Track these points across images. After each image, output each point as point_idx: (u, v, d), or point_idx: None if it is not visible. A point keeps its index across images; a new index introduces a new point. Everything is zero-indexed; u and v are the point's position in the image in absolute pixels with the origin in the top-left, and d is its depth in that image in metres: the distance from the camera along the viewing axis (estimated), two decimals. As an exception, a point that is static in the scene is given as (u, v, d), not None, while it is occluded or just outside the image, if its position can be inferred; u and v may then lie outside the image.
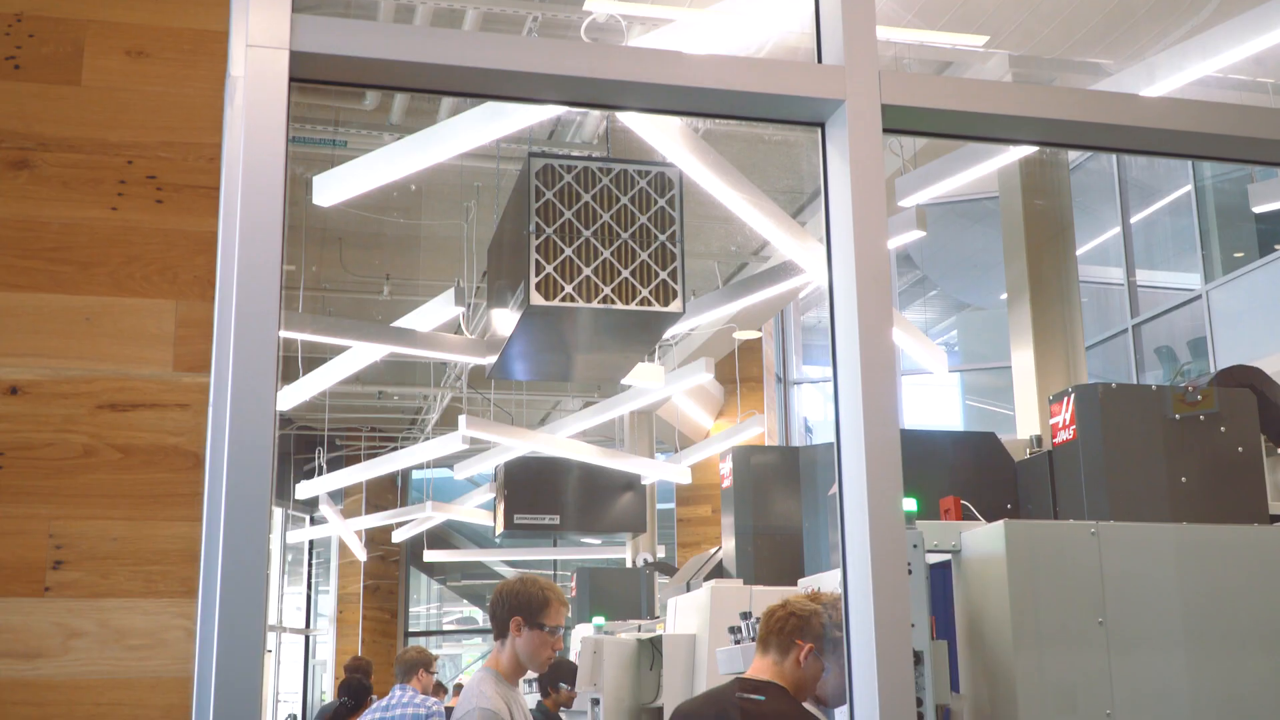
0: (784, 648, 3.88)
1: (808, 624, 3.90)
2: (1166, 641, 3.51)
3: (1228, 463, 4.08)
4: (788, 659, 3.88)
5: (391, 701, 7.38)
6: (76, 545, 2.07)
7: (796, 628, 3.88)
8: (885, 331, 2.51)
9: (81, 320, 2.13)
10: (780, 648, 3.88)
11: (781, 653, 3.88)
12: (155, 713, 2.04)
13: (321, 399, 12.53)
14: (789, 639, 3.88)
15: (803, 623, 3.89)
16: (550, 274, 5.21)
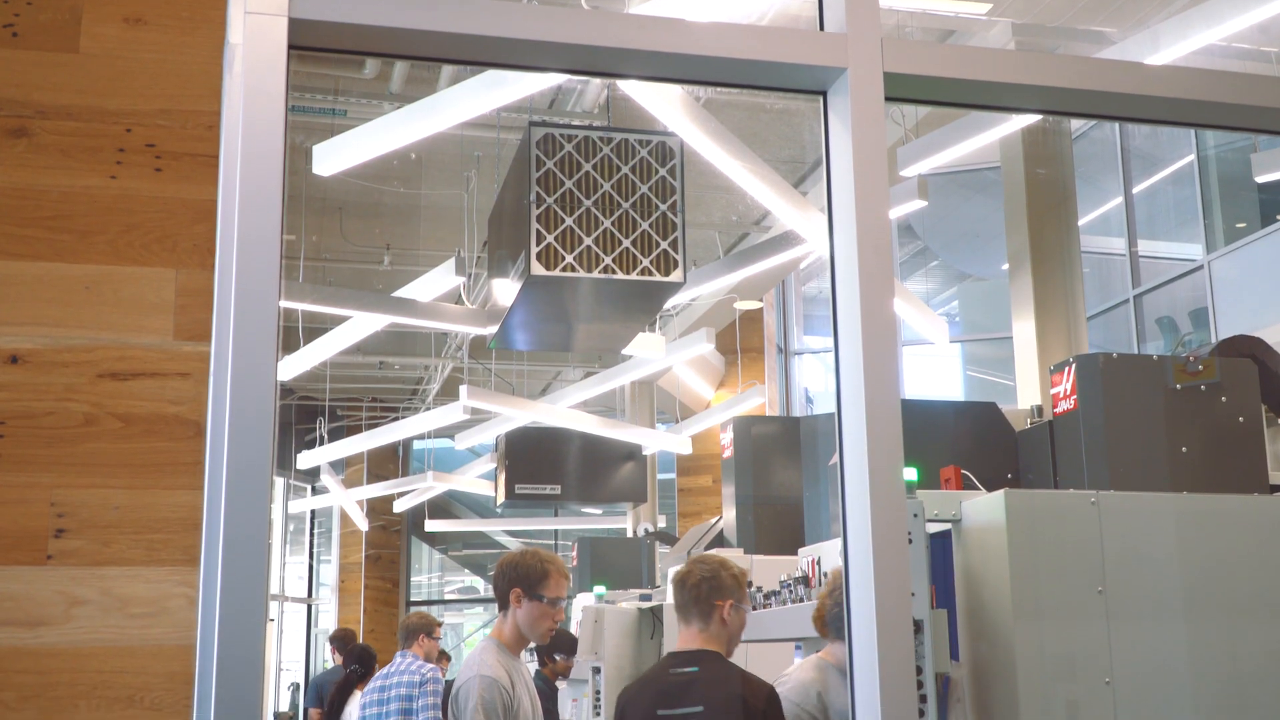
0: (705, 613, 3.94)
1: (718, 582, 3.95)
2: (1166, 611, 3.52)
3: (1228, 432, 4.09)
4: (711, 622, 3.95)
5: (392, 670, 7.40)
6: (78, 514, 2.07)
7: (711, 589, 3.94)
8: (887, 301, 2.50)
9: (81, 289, 2.13)
10: (701, 614, 3.94)
11: (704, 618, 3.95)
12: (158, 680, 2.05)
13: (322, 369, 12.54)
14: (707, 602, 3.94)
15: (714, 582, 3.95)
16: (551, 244, 5.20)
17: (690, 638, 3.96)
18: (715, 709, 3.76)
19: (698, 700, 3.80)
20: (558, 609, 4.42)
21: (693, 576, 3.97)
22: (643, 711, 3.89)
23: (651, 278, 5.30)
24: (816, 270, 15.53)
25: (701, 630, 3.94)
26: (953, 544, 3.63)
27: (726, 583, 3.98)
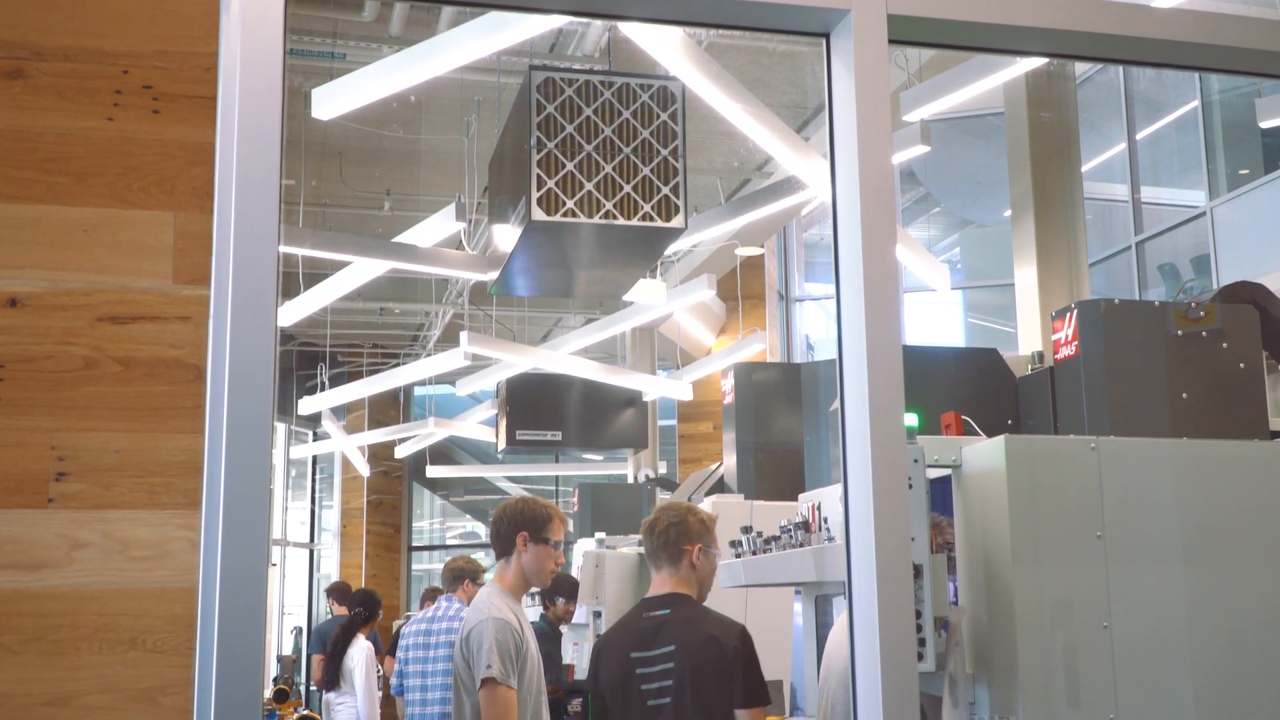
0: (674, 558, 4.00)
1: (685, 527, 4.01)
2: (1164, 555, 3.53)
3: (1229, 378, 4.09)
4: (681, 566, 4.00)
5: (437, 613, 7.38)
6: (79, 457, 2.07)
7: (679, 535, 4.00)
8: (889, 246, 2.49)
9: (79, 232, 2.12)
10: (671, 560, 4.01)
11: (674, 563, 4.01)
12: (160, 623, 2.06)
13: (323, 315, 12.52)
14: (675, 548, 3.99)
15: (681, 528, 4.00)
16: (552, 189, 5.18)
17: (662, 583, 4.03)
18: (687, 648, 3.83)
19: (669, 641, 3.87)
20: (559, 552, 4.54)
21: (660, 523, 4.03)
22: (617, 656, 3.97)
23: (652, 223, 5.28)
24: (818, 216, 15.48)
25: (672, 575, 4.02)
26: (953, 489, 3.64)
27: (694, 528, 4.04)
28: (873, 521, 2.36)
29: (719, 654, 3.80)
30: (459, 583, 7.49)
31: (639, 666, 3.91)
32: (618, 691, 3.93)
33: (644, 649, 3.92)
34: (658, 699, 3.85)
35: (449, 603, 7.40)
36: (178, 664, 2.05)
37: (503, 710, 4.23)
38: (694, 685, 3.78)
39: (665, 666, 3.86)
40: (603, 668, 4.03)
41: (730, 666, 3.79)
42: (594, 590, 6.77)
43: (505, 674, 4.25)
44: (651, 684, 3.87)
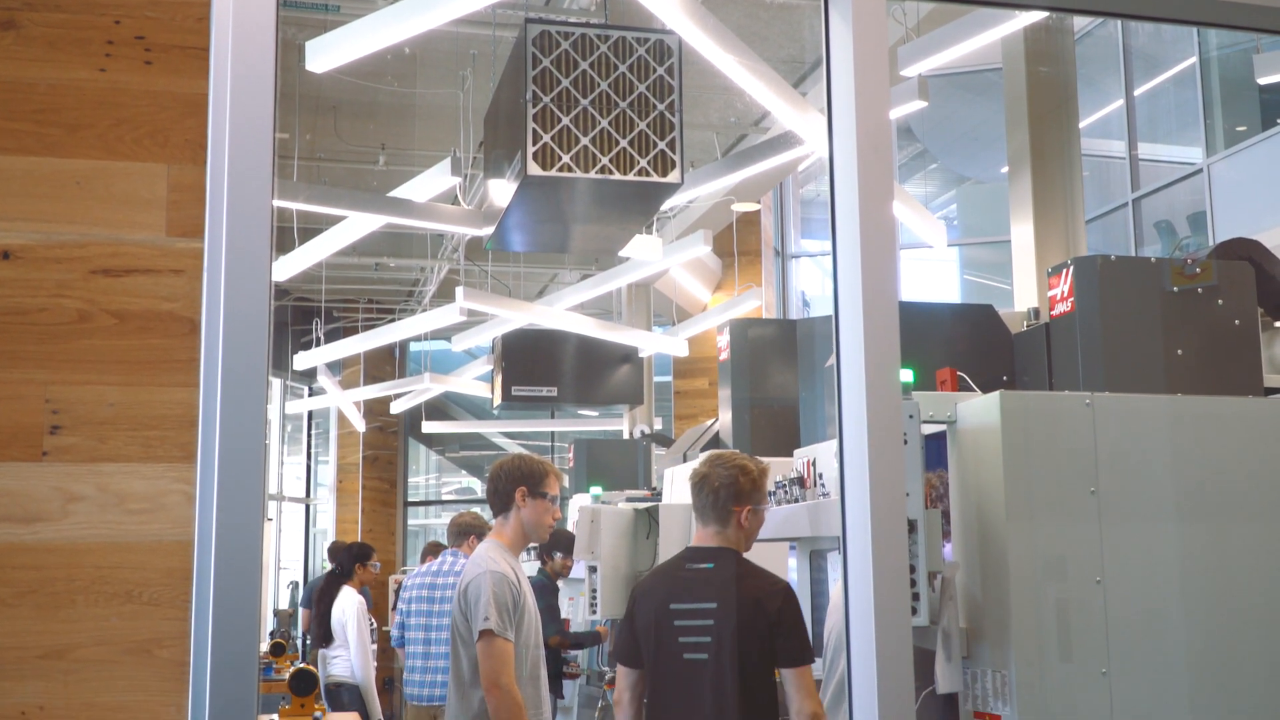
0: (723, 518, 3.98)
1: (737, 489, 3.99)
2: (1158, 511, 3.55)
3: (1224, 335, 4.09)
4: (729, 525, 3.98)
5: (442, 567, 7.41)
6: (73, 410, 2.07)
7: (728, 496, 3.97)
8: (885, 201, 2.48)
9: (72, 184, 2.11)
10: (719, 519, 3.98)
11: (722, 522, 3.98)
12: (156, 575, 2.06)
13: (318, 270, 12.49)
14: (725, 509, 3.97)
15: (732, 489, 3.98)
16: (547, 143, 5.15)
17: (708, 536, 3.99)
18: (729, 607, 3.80)
19: (712, 597, 3.84)
20: (556, 507, 4.58)
21: (711, 482, 3.98)
22: (655, 603, 3.93)
23: (649, 178, 5.25)
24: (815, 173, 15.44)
25: (719, 532, 3.98)
26: (947, 445, 3.65)
27: (744, 489, 4.00)
28: (868, 477, 2.37)
29: (761, 615, 3.78)
30: (464, 538, 7.51)
31: (678, 618, 3.88)
32: (652, 639, 3.89)
33: (684, 601, 3.89)
34: (695, 653, 3.83)
35: (454, 558, 7.42)
36: (174, 617, 2.06)
37: (500, 662, 4.26)
38: (734, 644, 3.76)
39: (705, 623, 3.83)
40: (639, 613, 3.99)
41: (773, 627, 3.77)
42: (589, 545, 6.79)
43: (503, 626, 4.28)
44: (690, 637, 3.84)
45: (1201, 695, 3.50)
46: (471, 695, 4.36)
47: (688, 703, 3.78)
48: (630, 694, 3.93)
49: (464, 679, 4.40)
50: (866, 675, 2.33)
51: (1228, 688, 3.53)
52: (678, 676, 3.81)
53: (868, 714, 2.30)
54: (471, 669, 4.36)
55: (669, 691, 3.83)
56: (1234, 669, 3.54)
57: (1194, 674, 3.50)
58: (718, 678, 3.75)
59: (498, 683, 4.23)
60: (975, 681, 3.53)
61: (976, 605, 3.51)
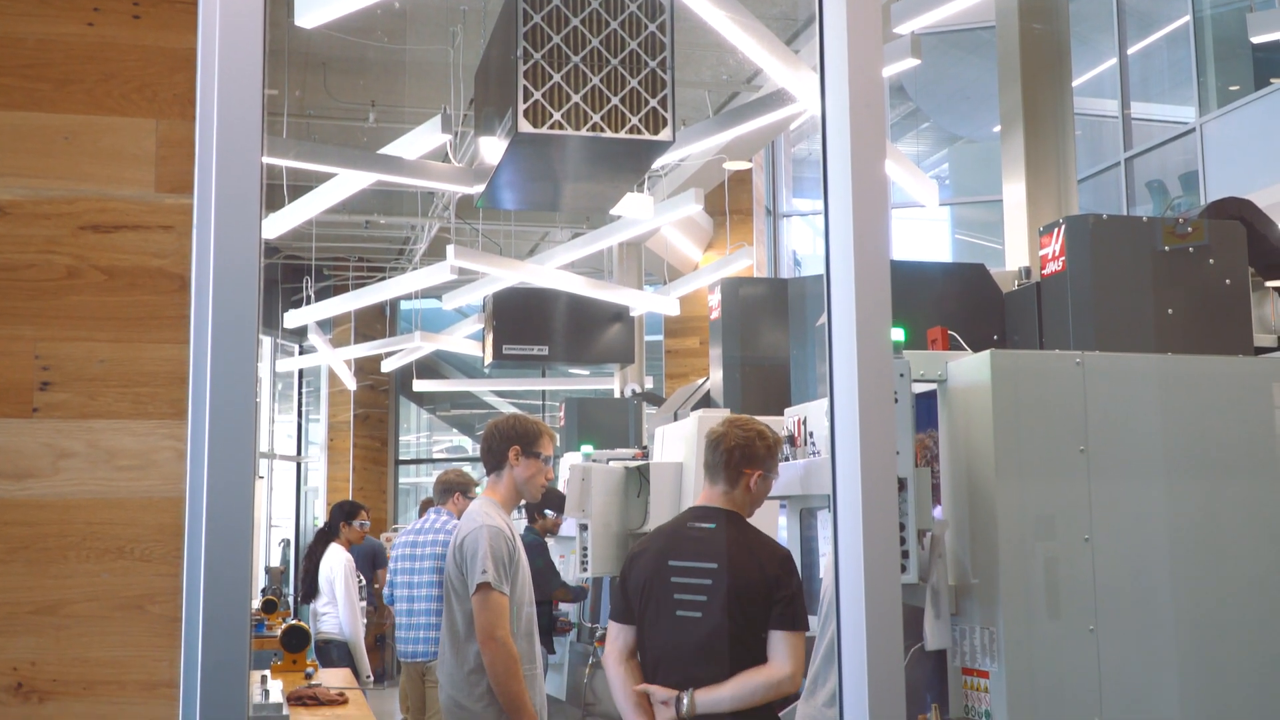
0: (732, 479, 3.97)
1: (751, 451, 3.98)
2: (1147, 470, 3.56)
3: (1215, 295, 4.09)
4: (737, 487, 3.98)
5: (425, 525, 7.44)
6: (63, 367, 2.06)
7: (743, 458, 3.96)
8: (878, 160, 2.48)
9: (60, 139, 2.10)
10: (729, 479, 3.97)
11: (730, 482, 3.97)
12: (148, 532, 2.07)
13: (308, 228, 12.45)
14: (736, 469, 3.96)
15: (747, 450, 3.97)
16: (539, 100, 5.13)
17: (714, 496, 3.97)
18: (728, 568, 3.80)
19: (711, 557, 3.84)
20: (549, 467, 4.60)
21: (727, 441, 3.96)
22: (654, 559, 3.91)
23: (640, 136, 5.23)
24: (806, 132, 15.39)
25: (726, 493, 3.96)
26: (938, 404, 3.66)
27: (759, 453, 3.99)
28: (858, 435, 2.37)
29: (760, 577, 3.78)
30: (449, 495, 7.53)
31: (675, 575, 3.86)
32: (648, 594, 3.87)
33: (683, 558, 3.87)
34: (688, 610, 3.82)
35: (438, 515, 7.45)
36: (166, 573, 2.07)
37: (496, 615, 4.28)
38: (729, 605, 3.76)
39: (703, 581, 3.82)
40: (635, 568, 3.96)
41: (771, 592, 3.77)
42: (580, 503, 6.80)
43: (499, 580, 4.31)
44: (685, 594, 3.84)
45: (1189, 652, 3.52)
46: (467, 649, 4.39)
47: (679, 660, 3.79)
48: (619, 650, 3.93)
49: (459, 633, 4.43)
50: (856, 632, 2.34)
51: (1215, 645, 3.55)
52: (670, 633, 3.82)
53: (857, 670, 2.32)
54: (466, 623, 4.39)
55: (661, 648, 3.84)
56: (1221, 627, 3.57)
57: (1181, 632, 3.52)
58: (710, 636, 3.76)
59: (494, 635, 4.26)
60: (964, 638, 3.55)
61: (966, 563, 3.52)
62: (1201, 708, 3.52)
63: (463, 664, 4.40)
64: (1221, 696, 3.54)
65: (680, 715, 3.74)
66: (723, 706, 3.72)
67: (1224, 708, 3.54)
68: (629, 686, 3.88)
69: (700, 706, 3.72)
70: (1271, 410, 3.70)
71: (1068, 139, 10.31)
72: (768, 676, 3.72)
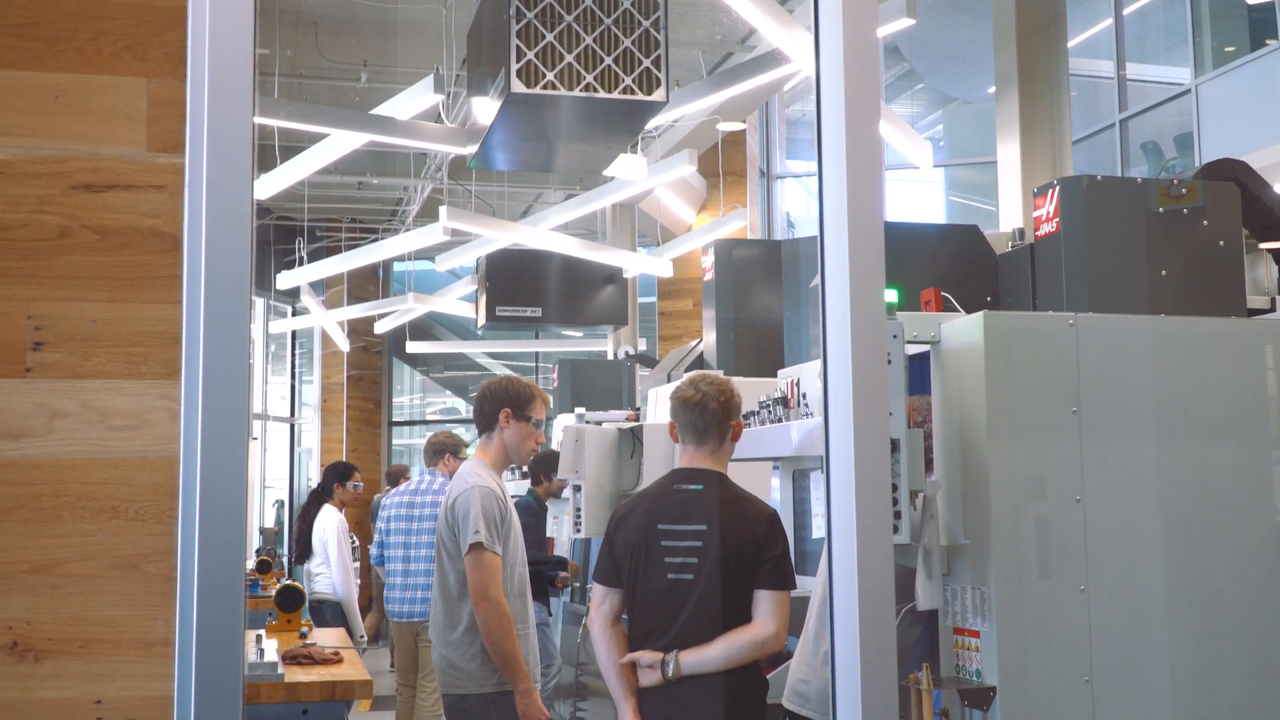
0: (721, 435, 3.96)
1: (732, 403, 3.98)
2: (1139, 431, 3.58)
3: (1208, 256, 4.10)
4: (724, 443, 3.98)
5: (420, 486, 7.46)
6: (56, 327, 2.06)
7: (726, 413, 3.96)
8: (872, 121, 2.47)
9: (51, 98, 2.08)
10: (718, 436, 3.96)
11: (719, 439, 3.97)
12: (142, 491, 2.07)
13: (300, 189, 12.41)
14: (724, 425, 3.96)
15: (729, 405, 3.97)
16: (531, 60, 5.10)
17: (699, 458, 3.95)
18: (718, 528, 3.79)
19: (700, 518, 3.83)
20: (540, 431, 4.60)
21: (708, 403, 3.93)
22: (641, 523, 3.90)
23: (634, 96, 5.21)
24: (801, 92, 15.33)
25: (713, 452, 3.95)
26: (931, 365, 3.67)
27: (735, 404, 4.00)
28: (851, 397, 2.37)
29: (749, 536, 3.78)
30: (440, 457, 7.54)
31: (665, 539, 3.85)
32: (638, 558, 3.86)
33: (672, 521, 3.87)
34: (680, 573, 3.82)
35: (431, 476, 7.46)
36: (160, 532, 2.07)
37: (489, 575, 4.30)
38: (722, 566, 3.76)
39: (693, 544, 3.82)
40: (621, 532, 3.95)
41: (759, 551, 3.78)
42: (574, 465, 6.82)
43: (491, 540, 4.32)
44: (676, 557, 3.83)
45: (1178, 612, 3.55)
46: (459, 609, 4.41)
47: (671, 622, 3.80)
48: (605, 614, 3.93)
49: (451, 593, 4.45)
50: (848, 592, 2.35)
51: (1205, 605, 3.58)
52: (661, 596, 3.82)
53: (849, 630, 2.33)
54: (459, 583, 4.40)
55: (652, 611, 3.84)
56: (1211, 587, 3.59)
57: (1171, 591, 3.54)
58: (702, 598, 3.77)
59: (486, 595, 4.28)
60: (955, 598, 3.57)
61: (957, 524, 3.54)
62: (1191, 667, 3.55)
63: (456, 624, 4.42)
64: (1211, 656, 3.57)
65: (666, 677, 3.76)
66: (708, 667, 3.73)
67: (1214, 667, 3.57)
68: (614, 653, 3.89)
69: (685, 668, 3.74)
70: (1263, 372, 3.72)
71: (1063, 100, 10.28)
72: (752, 636, 3.74)
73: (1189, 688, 3.53)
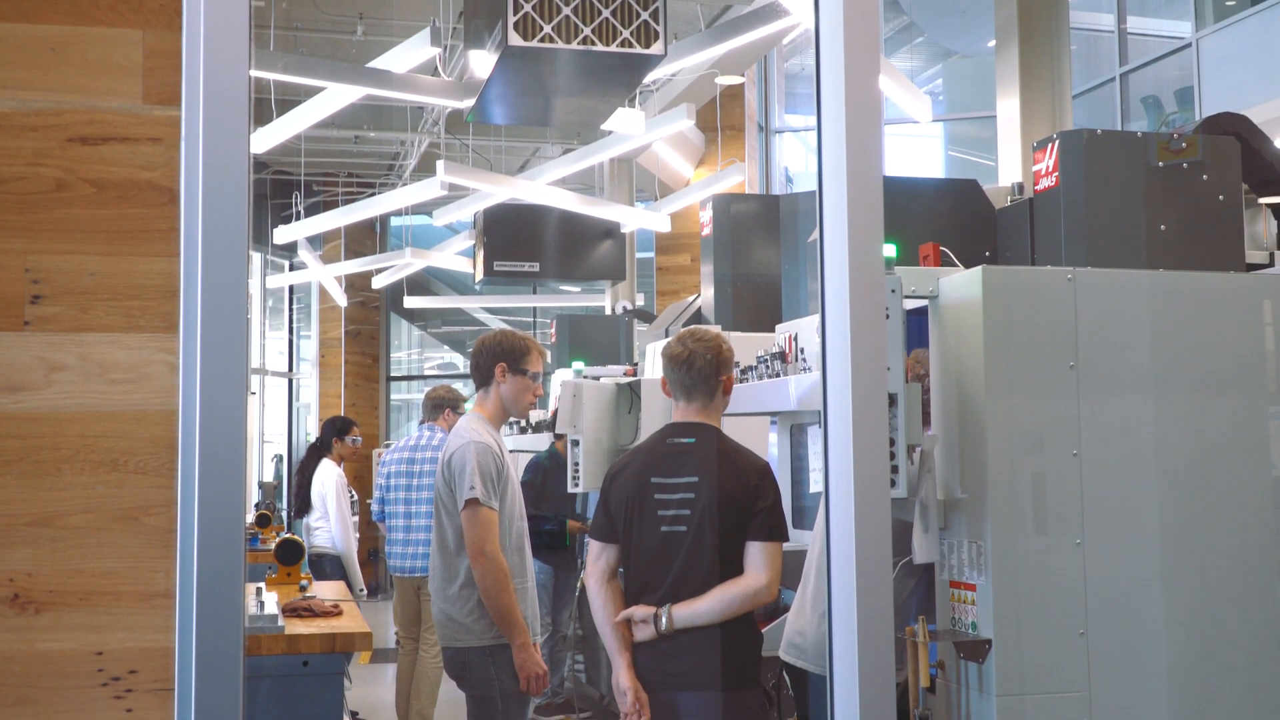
0: (711, 390, 3.96)
1: (721, 358, 3.97)
2: (1136, 386, 3.58)
3: (1207, 211, 4.09)
4: (715, 397, 3.97)
5: (420, 441, 7.47)
6: (54, 280, 2.06)
7: (716, 367, 3.95)
8: (871, 74, 2.46)
9: (47, 50, 2.07)
10: (708, 391, 3.96)
11: (709, 395, 3.96)
12: (141, 444, 2.07)
13: (297, 143, 12.35)
14: (714, 380, 3.96)
15: (718, 360, 3.96)
16: (529, 13, 5.07)
17: (689, 412, 3.95)
18: (710, 480, 3.80)
19: (693, 471, 3.84)
20: (538, 384, 4.60)
21: (697, 359, 3.92)
22: (635, 478, 3.91)
23: (631, 49, 5.18)
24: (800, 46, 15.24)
25: (704, 406, 3.95)
26: (929, 320, 3.67)
27: (726, 357, 3.99)
28: (849, 351, 2.37)
29: (740, 487, 3.78)
30: (439, 412, 7.54)
31: (658, 492, 3.86)
32: (632, 513, 3.88)
33: (665, 475, 3.87)
34: (673, 525, 3.83)
35: (431, 432, 7.47)
36: (160, 485, 2.08)
37: (485, 530, 4.31)
38: (714, 518, 3.77)
39: (686, 496, 3.82)
40: (616, 488, 3.96)
41: (751, 502, 3.79)
42: (572, 420, 6.83)
43: (487, 495, 4.33)
44: (669, 510, 3.84)
45: (1174, 566, 3.57)
46: (457, 564, 4.43)
47: (665, 575, 3.82)
48: (601, 569, 3.95)
49: (449, 549, 4.47)
50: (845, 546, 2.36)
51: (1200, 558, 3.60)
52: (656, 549, 3.83)
53: (845, 583, 2.34)
54: (456, 538, 4.42)
55: (646, 565, 3.86)
56: (1207, 540, 3.61)
57: (1167, 545, 3.56)
58: (695, 550, 3.78)
59: (483, 550, 4.30)
60: (951, 552, 3.59)
61: (954, 478, 3.55)
62: (1186, 619, 3.57)
63: (453, 579, 4.44)
64: (1206, 608, 3.59)
65: (659, 631, 3.77)
66: (701, 620, 3.75)
67: (1208, 619, 3.59)
68: (609, 608, 3.91)
69: (678, 621, 3.75)
70: (1261, 327, 3.72)
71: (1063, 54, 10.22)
72: (744, 587, 3.75)
73: (1184, 640, 3.55)
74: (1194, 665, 3.55)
